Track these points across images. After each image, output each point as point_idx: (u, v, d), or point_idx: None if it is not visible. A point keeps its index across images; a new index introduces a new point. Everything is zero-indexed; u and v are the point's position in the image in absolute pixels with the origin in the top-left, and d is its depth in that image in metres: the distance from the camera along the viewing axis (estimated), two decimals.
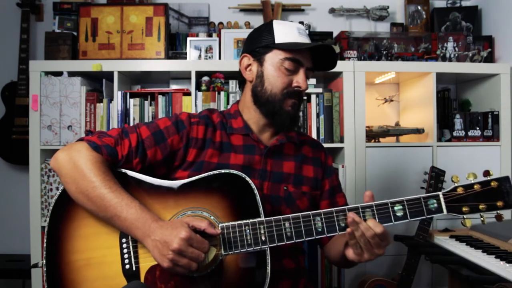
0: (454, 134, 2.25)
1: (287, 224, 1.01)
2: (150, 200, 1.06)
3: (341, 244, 1.12)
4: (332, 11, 2.59)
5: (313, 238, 1.01)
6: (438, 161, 2.16)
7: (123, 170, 1.09)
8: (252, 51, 1.21)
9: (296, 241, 1.01)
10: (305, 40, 1.18)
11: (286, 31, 1.17)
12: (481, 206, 0.99)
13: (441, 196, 1.00)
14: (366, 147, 2.16)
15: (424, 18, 2.57)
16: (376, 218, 0.99)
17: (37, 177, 2.06)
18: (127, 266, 1.02)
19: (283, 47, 1.15)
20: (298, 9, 2.61)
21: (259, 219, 1.01)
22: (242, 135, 1.21)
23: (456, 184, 1.01)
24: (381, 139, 2.33)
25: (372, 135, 2.29)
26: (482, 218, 1.00)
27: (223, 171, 1.06)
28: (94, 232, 1.04)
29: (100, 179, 1.00)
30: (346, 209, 1.00)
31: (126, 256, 1.02)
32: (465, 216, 1.00)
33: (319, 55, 1.21)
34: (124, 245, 1.03)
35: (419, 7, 2.58)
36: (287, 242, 1.00)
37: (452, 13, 2.52)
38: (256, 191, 1.03)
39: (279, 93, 1.16)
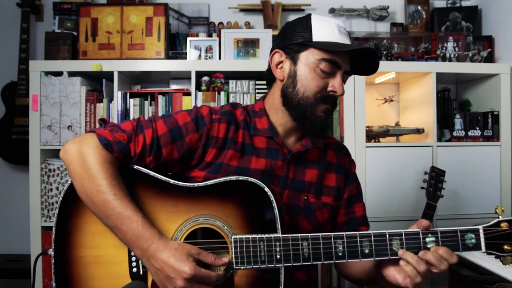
0: (454, 134, 2.25)
1: (305, 244, 0.93)
2: (161, 202, 1.01)
3: (368, 264, 1.06)
4: (332, 11, 2.59)
5: (332, 262, 0.94)
6: (438, 161, 2.16)
7: (136, 167, 1.04)
8: (285, 47, 1.09)
9: (313, 263, 0.94)
10: (345, 40, 1.07)
11: (325, 29, 1.06)
12: None
13: (481, 231, 0.90)
14: (366, 147, 2.15)
15: (424, 18, 2.57)
16: (405, 247, 0.92)
17: (37, 177, 2.06)
18: (135, 270, 0.99)
19: (322, 46, 1.04)
20: (298, 9, 2.61)
21: (275, 235, 0.94)
22: (266, 137, 1.12)
23: (500, 218, 0.90)
24: (381, 139, 2.33)
25: (372, 135, 2.29)
26: None
27: (240, 178, 0.99)
28: (103, 230, 1.01)
29: (106, 183, 0.95)
30: (372, 234, 0.93)
31: (134, 258, 1.00)
32: (506, 255, 0.90)
33: (358, 57, 1.10)
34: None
35: (419, 7, 2.58)
36: (304, 263, 0.94)
37: (452, 13, 2.52)
38: (274, 204, 0.96)
39: (312, 96, 1.06)
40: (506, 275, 1.23)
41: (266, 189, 0.97)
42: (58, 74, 2.11)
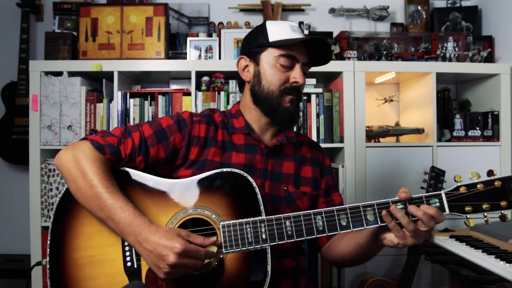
0: (454, 134, 2.25)
1: (288, 223, 1.01)
2: (152, 199, 1.07)
3: (357, 238, 1.11)
4: (332, 11, 2.59)
5: (314, 236, 1.01)
6: (438, 161, 2.16)
7: (126, 169, 1.10)
8: (248, 52, 1.23)
9: (297, 239, 1.01)
10: (299, 36, 1.19)
11: (279, 29, 1.18)
12: (484, 206, 0.98)
13: (443, 195, 1.00)
14: (366, 147, 2.16)
15: (424, 18, 2.57)
16: (377, 216, 0.99)
17: (37, 177, 2.06)
18: (129, 264, 1.02)
19: (276, 44, 1.16)
20: (298, 9, 2.61)
21: (260, 217, 1.01)
22: (243, 134, 1.22)
23: (459, 184, 1.01)
24: (381, 139, 2.33)
25: (372, 135, 2.29)
26: (486, 218, 0.99)
27: (225, 170, 1.07)
28: (97, 230, 1.05)
29: (98, 178, 1.01)
30: (348, 208, 1.01)
31: (127, 254, 1.03)
32: (468, 216, 0.99)
33: (315, 49, 1.21)
34: (126, 243, 1.04)
35: (419, 7, 2.58)
36: (288, 241, 1.00)
37: (452, 13, 2.52)
38: (257, 190, 1.04)
39: (277, 90, 1.17)
40: (506, 275, 1.23)
41: (249, 177, 1.05)
42: (58, 74, 2.12)
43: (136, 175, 1.10)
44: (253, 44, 1.21)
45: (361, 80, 2.16)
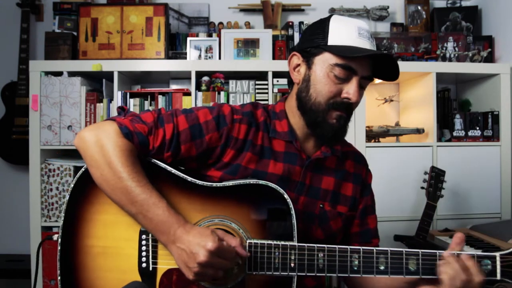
0: (454, 134, 2.25)
1: (320, 255, 0.92)
2: (176, 199, 0.99)
3: (395, 282, 1.04)
4: (332, 11, 2.59)
5: (347, 275, 0.93)
6: (438, 161, 2.16)
7: (153, 161, 1.02)
8: (302, 50, 1.07)
9: (327, 275, 0.93)
10: (365, 43, 1.01)
11: (343, 32, 1.01)
12: None
13: (498, 258, 0.90)
14: (366, 147, 2.15)
15: (424, 18, 2.57)
16: (420, 267, 0.92)
17: (37, 177, 2.05)
18: (144, 265, 0.97)
19: (335, 51, 1.00)
20: (298, 9, 2.61)
21: (291, 243, 0.93)
22: (285, 141, 1.09)
23: None
24: (381, 139, 2.33)
25: (372, 135, 2.29)
26: None
27: (260, 182, 0.97)
28: (114, 221, 0.99)
29: (128, 170, 0.93)
30: (389, 251, 0.92)
31: (144, 253, 0.98)
32: None
33: (379, 61, 1.05)
34: (144, 242, 0.98)
35: (419, 7, 2.58)
36: (317, 274, 0.92)
37: (452, 13, 2.52)
38: (293, 212, 0.94)
39: (324, 103, 1.02)
40: None
41: (286, 195, 0.95)
42: (58, 74, 2.11)
43: (163, 167, 1.01)
44: (310, 43, 1.05)
45: None
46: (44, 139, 2.07)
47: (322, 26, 1.04)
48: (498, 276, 0.90)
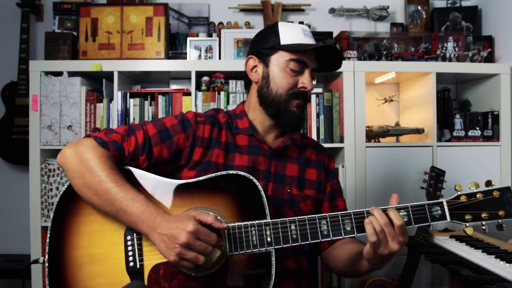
0: (454, 134, 2.25)
1: (292, 227, 1.01)
2: (155, 199, 1.06)
3: (352, 248, 1.14)
4: (332, 11, 2.59)
5: (319, 241, 1.02)
6: (438, 161, 2.16)
7: (129, 168, 1.10)
8: (257, 52, 1.22)
9: (302, 243, 1.01)
10: (310, 41, 1.19)
11: (291, 32, 1.18)
12: (483, 215, 1.02)
13: (445, 203, 1.02)
14: (366, 147, 2.16)
15: (424, 18, 2.57)
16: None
17: (37, 177, 2.05)
18: (131, 264, 1.02)
19: (288, 48, 1.16)
20: (298, 9, 2.61)
21: (265, 220, 1.02)
22: (247, 135, 1.21)
23: (459, 193, 1.04)
24: (381, 139, 2.33)
25: (372, 135, 2.29)
26: (484, 227, 1.03)
27: (230, 172, 1.07)
28: (99, 229, 1.04)
29: (106, 173, 1.00)
30: (352, 213, 1.02)
31: (130, 253, 1.02)
32: (467, 224, 1.02)
33: (324, 55, 1.21)
34: (129, 242, 1.03)
35: (419, 7, 2.58)
36: (293, 244, 1.01)
37: (452, 13, 2.52)
38: (262, 193, 1.04)
39: (285, 93, 1.17)
40: (506, 275, 1.23)
41: (254, 180, 1.05)
42: (58, 74, 2.12)
43: (139, 174, 1.09)
44: (264, 45, 1.20)
45: (361, 80, 2.16)
46: (44, 139, 2.07)
47: (272, 30, 1.20)
48: (448, 219, 1.02)
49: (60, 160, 1.07)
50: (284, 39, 1.17)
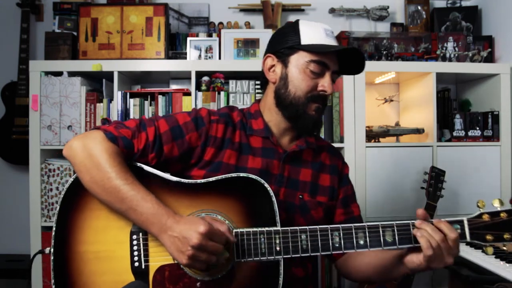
0: (454, 134, 2.25)
1: (303, 236, 0.98)
2: (163, 197, 1.03)
3: (381, 258, 1.09)
4: (332, 11, 2.59)
5: (329, 253, 0.99)
6: (438, 161, 2.16)
7: (138, 164, 1.07)
8: (276, 51, 1.16)
9: (311, 254, 0.98)
10: (332, 42, 1.13)
11: (313, 32, 1.12)
12: (506, 235, 0.95)
13: (465, 222, 0.97)
14: (366, 147, 2.15)
15: (424, 18, 2.57)
16: (396, 238, 0.97)
17: (37, 177, 2.05)
18: (136, 264, 1.00)
19: (310, 49, 1.10)
20: (298, 9, 2.61)
21: (275, 228, 0.99)
22: (261, 137, 1.17)
23: (481, 210, 0.98)
24: (381, 139, 2.33)
25: (372, 135, 2.29)
26: (505, 247, 0.97)
27: (241, 174, 1.03)
28: (105, 225, 1.02)
29: (115, 170, 0.97)
30: (366, 226, 0.98)
31: (136, 253, 1.00)
32: (488, 244, 0.97)
33: (346, 58, 1.15)
34: (135, 242, 1.01)
35: (419, 7, 2.58)
36: (302, 255, 0.98)
37: (452, 13, 2.52)
38: (274, 199, 1.00)
39: (303, 96, 1.12)
40: (506, 275, 1.23)
41: (266, 185, 1.01)
42: (58, 74, 2.11)
43: (148, 171, 1.05)
44: (283, 44, 1.14)
45: (361, 80, 2.16)
46: (44, 139, 2.07)
47: (293, 29, 1.14)
48: (468, 238, 0.96)
49: (67, 153, 1.03)
50: (305, 39, 1.11)
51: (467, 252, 1.45)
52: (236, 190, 1.03)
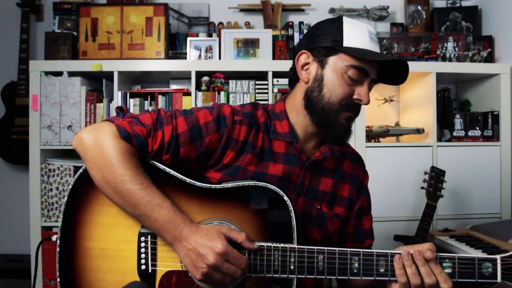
0: (454, 134, 2.25)
1: (320, 257, 0.92)
2: (175, 200, 0.98)
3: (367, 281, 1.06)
4: (332, 11, 2.59)
5: (346, 278, 0.92)
6: (438, 161, 2.16)
7: (151, 161, 1.01)
8: (313, 49, 1.06)
9: (327, 277, 0.92)
10: (376, 47, 1.04)
11: (357, 34, 1.02)
12: None
13: (498, 261, 0.89)
14: (366, 147, 2.15)
15: (424, 18, 2.57)
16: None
17: (37, 177, 2.05)
18: (143, 267, 0.97)
19: (354, 53, 1.00)
20: (298, 9, 2.61)
21: (291, 245, 0.93)
22: (285, 142, 1.09)
23: None
24: (381, 139, 2.33)
25: (372, 135, 2.29)
26: None
27: (260, 184, 0.96)
28: (112, 223, 0.99)
29: (130, 173, 0.92)
30: (389, 254, 0.92)
31: (143, 256, 0.97)
32: None
33: (387, 66, 1.07)
34: (143, 244, 0.97)
35: (419, 7, 2.58)
36: (317, 277, 0.92)
37: (452, 13, 2.52)
38: (293, 214, 0.94)
39: (337, 103, 1.03)
40: None
41: (286, 198, 0.95)
42: (58, 74, 2.12)
43: (161, 169, 1.00)
44: (323, 42, 1.04)
45: None
46: (44, 139, 2.07)
47: (336, 26, 1.03)
48: (499, 279, 0.89)
49: (77, 146, 0.96)
50: (348, 41, 1.01)
51: (467, 252, 1.44)
52: (252, 200, 0.97)
